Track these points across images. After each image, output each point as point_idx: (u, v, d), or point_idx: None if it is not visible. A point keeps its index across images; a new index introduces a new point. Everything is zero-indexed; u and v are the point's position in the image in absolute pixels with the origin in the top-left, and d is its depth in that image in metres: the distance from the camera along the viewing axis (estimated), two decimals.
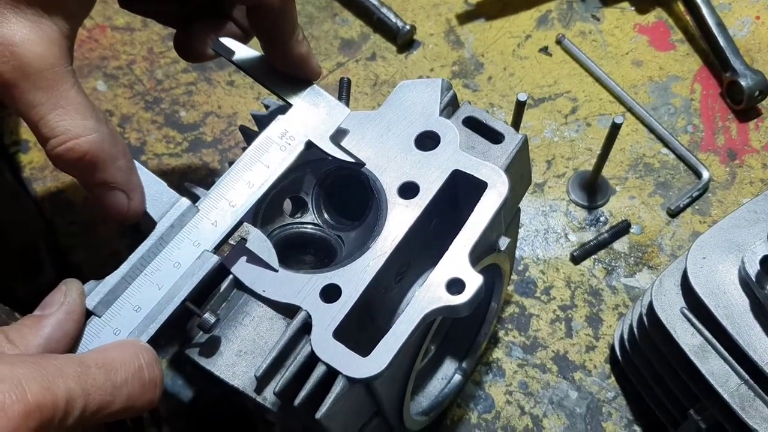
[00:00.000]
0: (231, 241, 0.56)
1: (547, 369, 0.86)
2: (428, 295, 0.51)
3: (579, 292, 0.90)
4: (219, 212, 0.55)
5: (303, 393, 0.50)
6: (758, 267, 0.68)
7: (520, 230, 0.91)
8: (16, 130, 1.01)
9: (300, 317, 0.51)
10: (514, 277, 0.90)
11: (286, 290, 0.53)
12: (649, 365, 0.78)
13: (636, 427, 0.83)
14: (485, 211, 0.55)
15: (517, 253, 0.91)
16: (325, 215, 0.64)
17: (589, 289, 0.90)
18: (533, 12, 1.13)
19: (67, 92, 0.51)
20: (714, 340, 0.71)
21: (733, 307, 0.70)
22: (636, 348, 0.79)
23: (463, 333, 0.82)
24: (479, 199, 0.56)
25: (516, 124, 0.87)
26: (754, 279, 0.68)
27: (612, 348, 0.86)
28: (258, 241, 0.55)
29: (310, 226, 0.63)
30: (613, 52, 1.09)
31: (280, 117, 0.59)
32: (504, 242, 0.65)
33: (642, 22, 1.11)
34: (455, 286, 0.51)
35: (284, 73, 0.61)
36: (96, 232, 0.95)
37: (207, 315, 0.52)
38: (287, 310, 0.53)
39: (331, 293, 0.52)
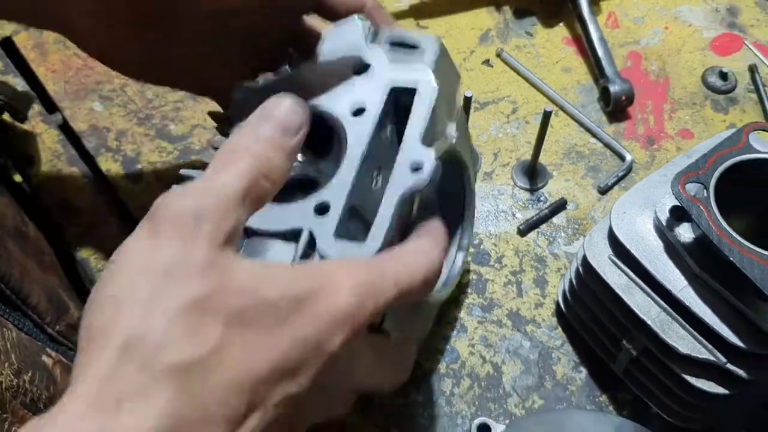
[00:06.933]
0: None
1: (503, 324, 0.99)
2: (398, 180, 0.62)
3: (526, 260, 1.05)
4: None
5: None
6: (668, 215, 0.83)
7: (476, 211, 1.04)
8: (33, 146, 1.13)
9: (305, 235, 0.61)
10: (471, 249, 1.04)
11: (287, 219, 0.62)
12: (586, 308, 0.92)
13: (582, 368, 0.96)
14: (423, 101, 0.66)
15: (473, 230, 1.05)
16: (305, 157, 0.71)
17: (534, 257, 1.05)
18: (475, 31, 1.29)
19: None
20: (637, 279, 0.83)
21: (650, 250, 0.83)
22: (575, 296, 0.93)
23: (451, 215, 0.90)
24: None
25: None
26: (665, 225, 0.83)
27: (557, 303, 1.00)
28: None
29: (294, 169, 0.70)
30: (545, 61, 1.25)
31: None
32: (452, 130, 0.73)
33: (568, 36, 1.28)
34: (416, 165, 0.63)
35: None
36: (99, 231, 1.07)
37: None
38: (291, 237, 0.62)
39: (322, 208, 0.62)
